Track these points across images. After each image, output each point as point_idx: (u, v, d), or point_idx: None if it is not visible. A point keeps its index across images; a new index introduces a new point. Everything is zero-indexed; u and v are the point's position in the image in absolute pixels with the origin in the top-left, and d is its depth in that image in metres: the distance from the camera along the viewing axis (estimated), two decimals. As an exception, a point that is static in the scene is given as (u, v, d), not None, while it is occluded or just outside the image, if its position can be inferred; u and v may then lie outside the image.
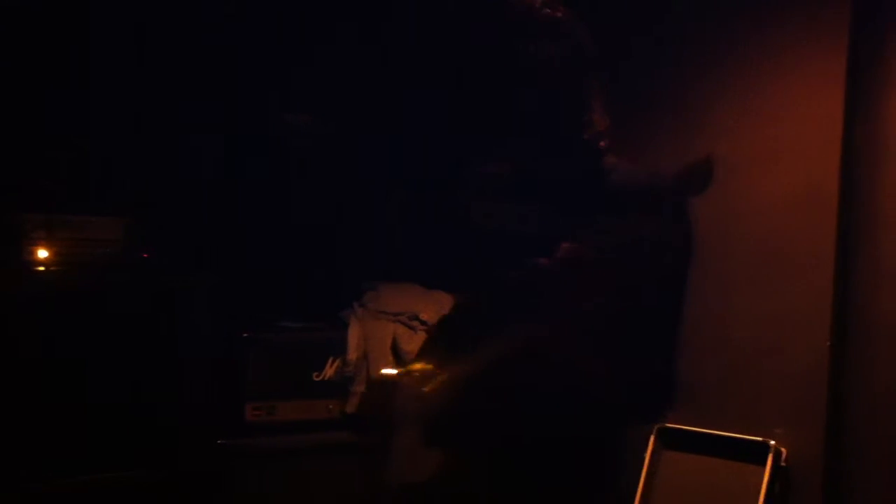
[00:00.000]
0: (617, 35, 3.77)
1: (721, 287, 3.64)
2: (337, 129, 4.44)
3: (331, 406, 3.90)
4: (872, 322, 3.29)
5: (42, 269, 3.74)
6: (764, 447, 3.30)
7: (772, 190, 3.56)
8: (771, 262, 3.53)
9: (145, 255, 3.78)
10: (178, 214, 4.02)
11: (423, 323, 3.76)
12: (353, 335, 3.91)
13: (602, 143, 2.00)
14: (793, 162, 3.51)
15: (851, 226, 3.37)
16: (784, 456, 3.29)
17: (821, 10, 3.45)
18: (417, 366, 2.33)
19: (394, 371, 3.41)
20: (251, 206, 4.19)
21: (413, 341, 3.73)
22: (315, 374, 3.94)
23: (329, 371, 3.92)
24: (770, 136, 3.59)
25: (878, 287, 3.30)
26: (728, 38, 3.71)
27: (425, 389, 2.16)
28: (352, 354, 3.87)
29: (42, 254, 3.74)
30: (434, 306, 3.84)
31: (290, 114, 4.46)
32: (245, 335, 3.96)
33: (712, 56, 3.76)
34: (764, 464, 3.27)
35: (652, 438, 3.55)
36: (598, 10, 3.66)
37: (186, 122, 4.06)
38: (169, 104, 4.02)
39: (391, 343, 3.79)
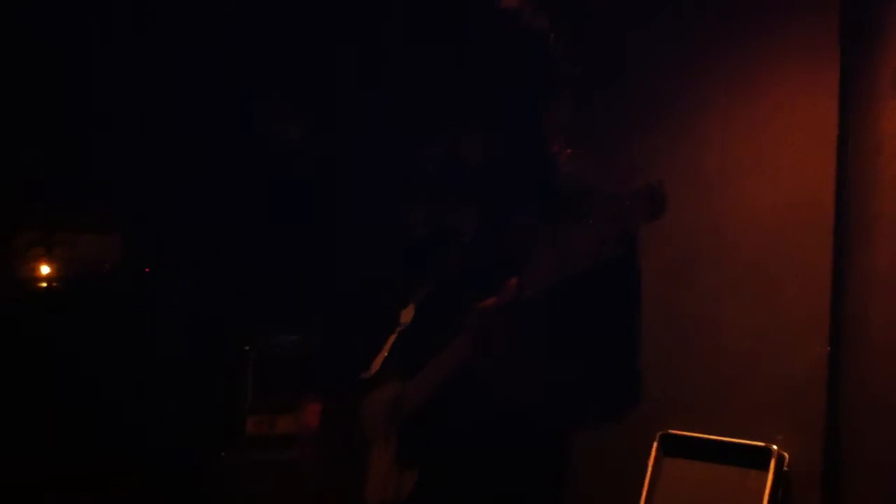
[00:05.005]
0: (605, 45, 3.82)
1: (718, 296, 3.67)
2: (330, 138, 4.46)
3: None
4: (869, 328, 3.33)
5: (41, 284, 3.74)
6: (766, 452, 3.33)
7: (766, 199, 3.59)
8: (768, 270, 3.56)
9: (147, 270, 3.78)
10: (178, 231, 4.01)
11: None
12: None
13: (557, 148, 2.00)
14: (788, 170, 3.54)
15: (847, 233, 3.41)
16: (787, 461, 3.32)
17: (812, 18, 3.48)
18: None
19: None
20: (251, 223, 4.19)
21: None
22: (318, 386, 3.94)
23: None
24: (763, 145, 3.62)
25: (874, 293, 3.34)
26: (718, 46, 3.73)
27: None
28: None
29: (41, 270, 3.74)
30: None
31: (283, 123, 4.47)
32: (246, 348, 3.95)
33: (703, 65, 3.78)
34: (766, 469, 3.30)
35: (654, 445, 3.57)
36: (587, 20, 3.70)
37: (185, 133, 4.06)
38: (165, 115, 4.02)
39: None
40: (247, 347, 3.94)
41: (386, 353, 2.04)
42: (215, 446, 3.89)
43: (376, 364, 2.06)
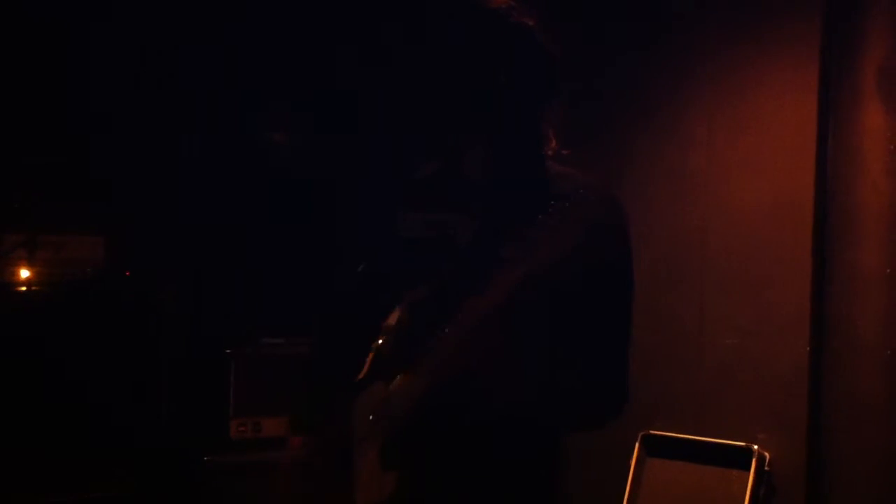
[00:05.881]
0: (590, 45, 3.82)
1: (700, 296, 3.68)
2: (314, 145, 4.46)
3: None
4: (852, 327, 3.33)
5: (22, 289, 3.73)
6: (747, 452, 3.33)
7: (747, 200, 3.59)
8: (749, 271, 3.56)
9: (127, 273, 3.76)
10: (161, 232, 4.00)
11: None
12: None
13: (548, 149, 2.01)
14: (767, 172, 3.55)
15: (827, 233, 3.41)
16: (767, 460, 3.32)
17: (793, 21, 3.49)
18: None
19: None
20: (234, 224, 4.18)
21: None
22: (302, 389, 3.93)
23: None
24: (744, 147, 3.62)
25: (854, 293, 3.34)
26: (700, 48, 3.74)
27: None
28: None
29: (22, 273, 3.73)
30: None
31: (271, 132, 4.48)
32: (228, 352, 3.94)
33: (685, 66, 3.79)
34: (748, 469, 3.30)
35: (637, 446, 3.57)
36: (571, 20, 3.71)
37: (170, 139, 4.06)
38: (151, 120, 4.01)
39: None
40: (228, 351, 3.93)
41: (380, 355, 2.04)
42: (202, 449, 3.88)
43: (370, 365, 2.06)
